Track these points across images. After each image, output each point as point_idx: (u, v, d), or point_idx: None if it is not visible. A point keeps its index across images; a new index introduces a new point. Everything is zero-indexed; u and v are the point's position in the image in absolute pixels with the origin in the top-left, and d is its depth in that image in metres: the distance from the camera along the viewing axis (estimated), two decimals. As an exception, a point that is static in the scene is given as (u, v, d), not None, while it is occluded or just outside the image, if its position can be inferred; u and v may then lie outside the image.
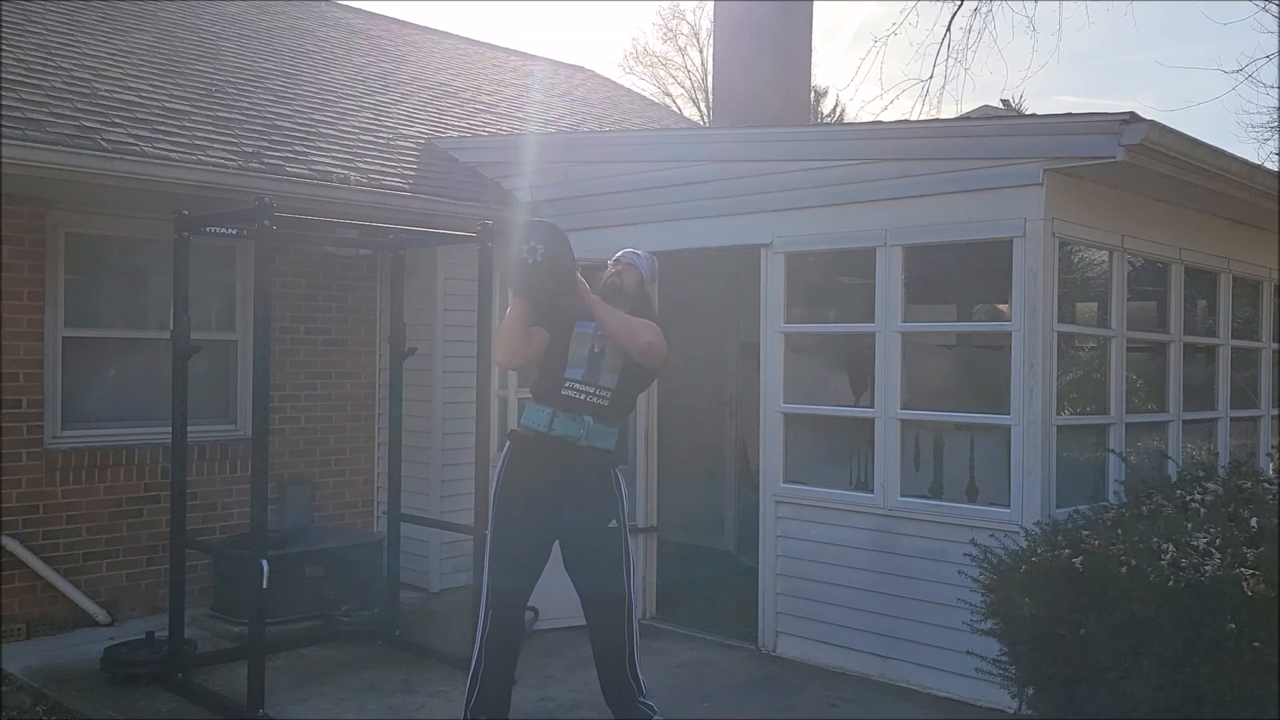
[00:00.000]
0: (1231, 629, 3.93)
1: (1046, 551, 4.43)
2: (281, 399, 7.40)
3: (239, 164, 6.37)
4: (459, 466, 7.41)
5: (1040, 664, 4.38)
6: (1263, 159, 19.17)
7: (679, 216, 6.66)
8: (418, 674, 5.79)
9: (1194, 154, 5.24)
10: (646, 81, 33.37)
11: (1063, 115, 5.42)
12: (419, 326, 7.30)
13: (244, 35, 9.86)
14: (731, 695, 5.52)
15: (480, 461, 5.85)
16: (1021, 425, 5.25)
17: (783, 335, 6.22)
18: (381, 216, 6.68)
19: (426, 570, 7.53)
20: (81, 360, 6.70)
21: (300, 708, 5.26)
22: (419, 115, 9.25)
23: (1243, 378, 7.30)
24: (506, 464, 4.42)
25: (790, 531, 6.14)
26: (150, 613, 6.64)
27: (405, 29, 13.09)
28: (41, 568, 6.32)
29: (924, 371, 6.61)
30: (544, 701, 5.37)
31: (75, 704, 5.26)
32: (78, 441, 6.62)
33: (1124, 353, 5.86)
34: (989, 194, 5.36)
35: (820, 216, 6.02)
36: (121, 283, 6.98)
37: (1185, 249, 6.40)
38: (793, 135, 6.57)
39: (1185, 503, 4.93)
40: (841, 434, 6.56)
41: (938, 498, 5.94)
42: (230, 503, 7.17)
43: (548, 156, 7.60)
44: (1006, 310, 5.57)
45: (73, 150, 5.71)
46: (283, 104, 8.00)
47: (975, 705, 5.27)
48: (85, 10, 8.62)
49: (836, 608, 5.89)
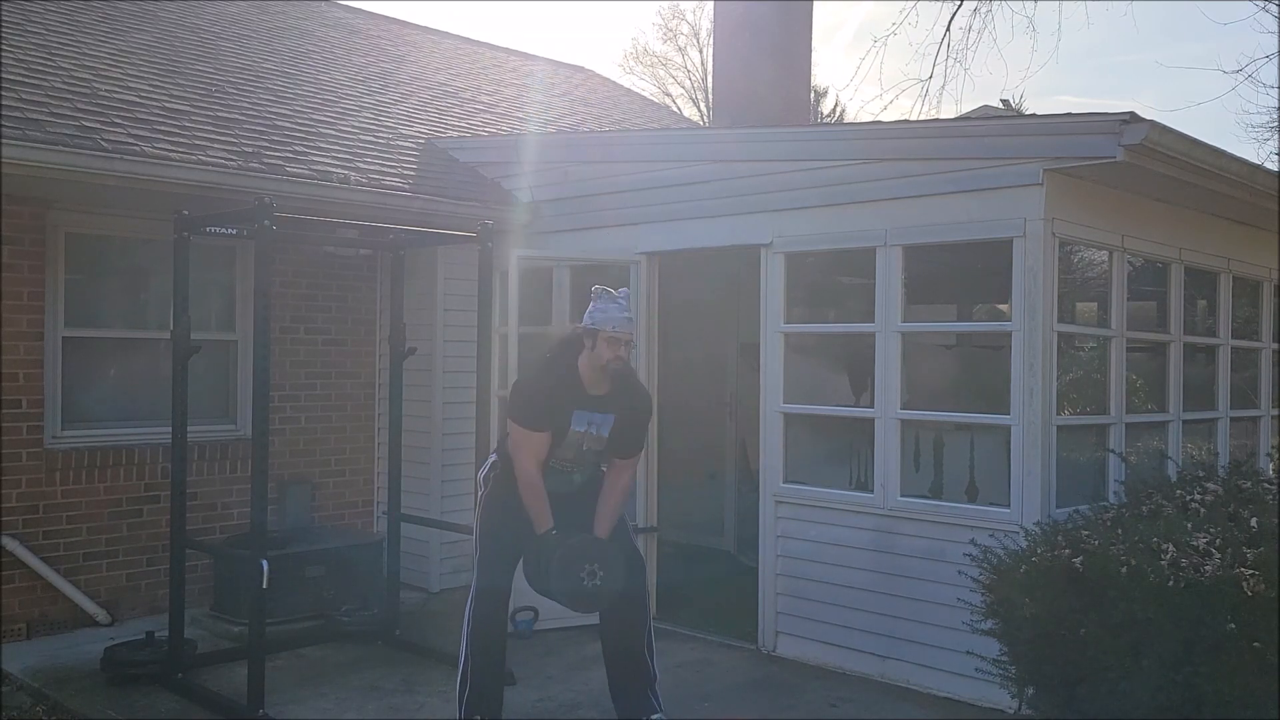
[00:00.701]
0: (1231, 629, 3.94)
1: (1046, 551, 4.43)
2: (281, 399, 7.40)
3: (239, 164, 6.37)
4: (459, 466, 7.41)
5: (1040, 664, 4.39)
6: (1263, 159, 19.18)
7: (679, 216, 6.66)
8: (418, 674, 5.79)
9: (1194, 154, 5.24)
10: (646, 81, 33.40)
11: (1063, 115, 5.42)
12: (419, 326, 7.30)
13: (244, 35, 9.86)
14: (731, 695, 5.52)
15: (480, 461, 5.84)
16: (1021, 425, 5.25)
17: (783, 335, 6.22)
18: (381, 216, 6.68)
19: (426, 570, 7.54)
20: (81, 360, 6.70)
21: (300, 708, 5.26)
22: (419, 115, 9.26)
23: (1243, 378, 7.30)
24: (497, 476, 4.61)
25: (790, 531, 6.14)
26: (150, 613, 6.64)
27: (405, 29, 13.10)
28: (41, 568, 6.32)
29: (924, 371, 6.61)
30: (544, 701, 5.37)
31: (75, 704, 5.26)
32: (78, 441, 6.62)
33: (1124, 353, 5.86)
34: (989, 194, 5.36)
35: (820, 216, 6.02)
36: (121, 283, 6.98)
37: (1185, 249, 6.40)
38: (793, 135, 6.57)
39: (1185, 503, 4.94)
40: (841, 434, 6.56)
41: (938, 498, 5.94)
42: (230, 503, 7.17)
43: (548, 156, 7.60)
44: (1006, 310, 5.57)
45: (73, 150, 5.70)
46: (283, 104, 8.00)
47: (975, 705, 5.27)
48: (85, 10, 8.62)
49: (836, 608, 5.89)
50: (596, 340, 4.41)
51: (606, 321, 4.39)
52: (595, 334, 4.41)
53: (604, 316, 4.41)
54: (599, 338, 4.40)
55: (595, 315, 4.43)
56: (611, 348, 4.40)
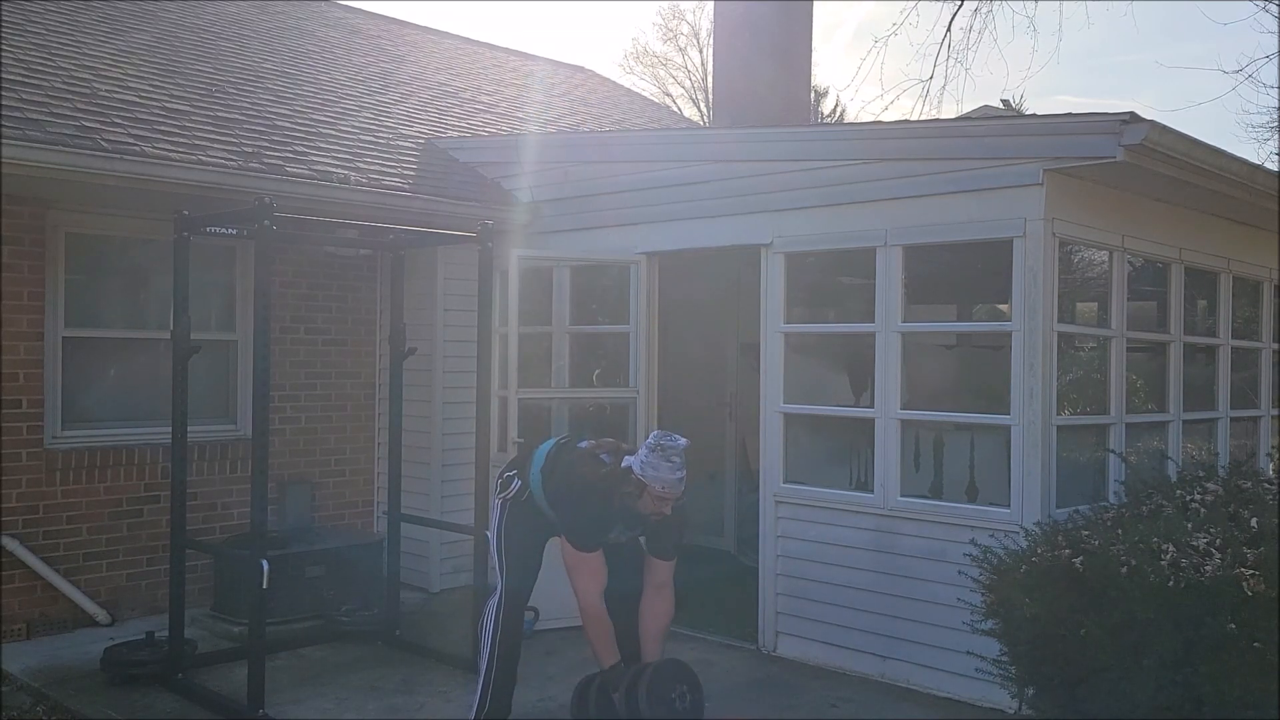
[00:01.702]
0: (1231, 629, 3.93)
1: (1046, 551, 4.43)
2: (281, 399, 7.40)
3: (239, 164, 6.37)
4: (459, 466, 7.41)
5: (1040, 664, 4.39)
6: (1263, 159, 19.16)
7: (679, 216, 6.66)
8: (418, 674, 5.79)
9: (1194, 154, 5.24)
10: (646, 81, 33.38)
11: (1063, 115, 5.42)
12: (419, 326, 7.30)
13: (244, 35, 9.86)
14: (732, 695, 5.52)
15: (480, 461, 5.85)
16: (1021, 425, 5.25)
17: (783, 335, 6.22)
18: (381, 216, 6.68)
19: (426, 570, 7.53)
20: (81, 360, 6.70)
21: (300, 708, 5.26)
22: (419, 115, 9.25)
23: (1243, 378, 7.29)
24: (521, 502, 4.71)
25: (790, 531, 6.14)
26: (150, 613, 6.64)
27: (405, 29, 13.09)
28: (41, 568, 6.32)
29: (924, 371, 6.61)
30: (544, 701, 5.37)
31: (75, 704, 5.26)
32: (78, 441, 6.62)
33: (1124, 353, 5.86)
34: (989, 194, 5.36)
35: (820, 216, 6.02)
36: (121, 283, 6.98)
37: (1185, 249, 6.40)
38: (793, 135, 6.57)
39: (1185, 503, 4.93)
40: (841, 434, 6.56)
41: (938, 498, 5.94)
42: (230, 503, 7.17)
43: (548, 156, 7.60)
44: (1006, 310, 5.57)
45: (73, 150, 5.70)
46: (283, 104, 8.00)
47: (975, 705, 5.27)
48: (85, 10, 8.62)
49: (837, 608, 5.89)
50: (643, 491, 4.37)
51: (657, 480, 4.33)
52: (643, 486, 4.36)
53: (655, 475, 4.33)
54: (646, 490, 4.36)
55: (647, 471, 4.34)
56: (657, 504, 4.39)
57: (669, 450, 4.33)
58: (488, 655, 4.65)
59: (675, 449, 4.35)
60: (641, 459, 4.37)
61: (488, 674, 4.64)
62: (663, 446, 4.34)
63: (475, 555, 5.81)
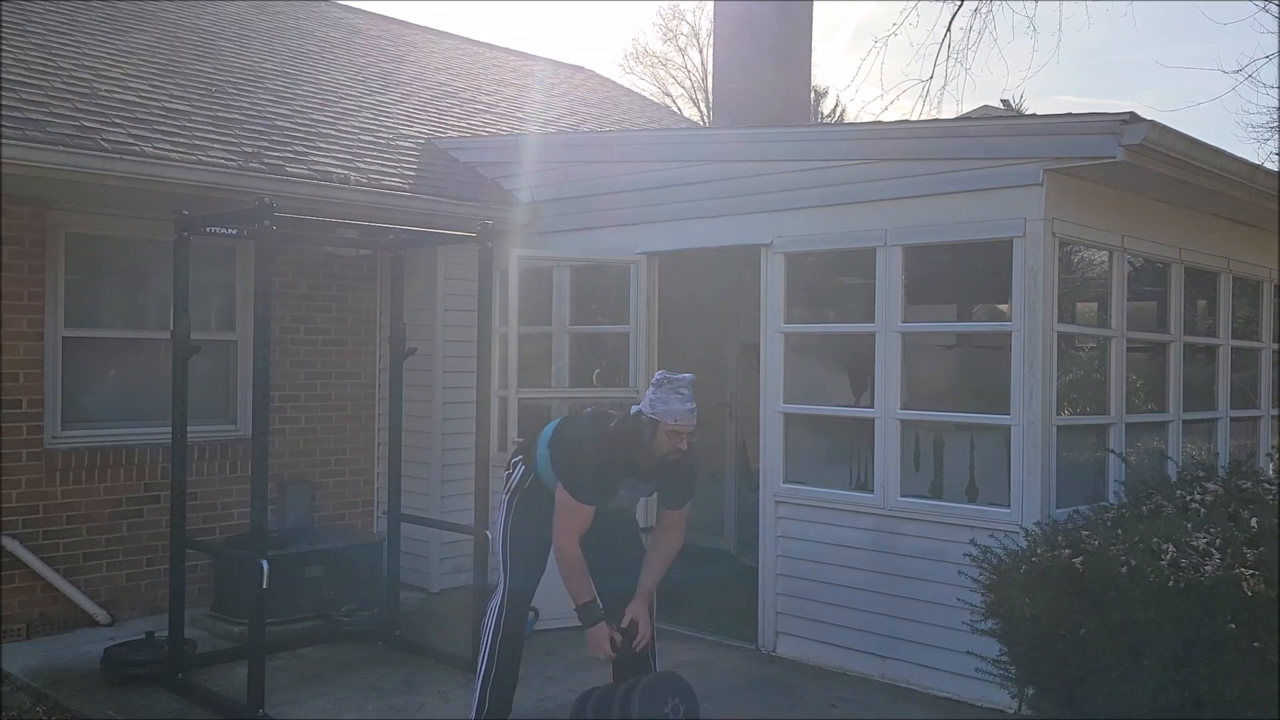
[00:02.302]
0: (1231, 629, 3.94)
1: (1046, 551, 4.43)
2: (281, 399, 7.40)
3: (239, 164, 6.37)
4: (459, 466, 7.41)
5: (1040, 664, 4.39)
6: (1263, 159, 19.18)
7: (679, 216, 6.66)
8: (418, 674, 5.79)
9: (1194, 154, 5.24)
10: (646, 81, 33.40)
11: (1063, 115, 5.42)
12: (419, 326, 7.30)
13: (244, 35, 9.86)
14: (732, 695, 5.52)
15: (480, 461, 5.85)
16: (1021, 425, 5.25)
17: (783, 335, 6.22)
18: (381, 216, 6.68)
19: (426, 570, 7.53)
20: (81, 360, 6.70)
21: (300, 708, 5.26)
22: (419, 115, 9.25)
23: (1243, 378, 7.29)
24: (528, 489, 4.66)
25: (790, 531, 6.14)
26: (150, 613, 6.64)
27: (405, 29, 13.09)
28: (41, 568, 6.32)
29: (924, 371, 6.61)
30: (544, 701, 5.37)
31: (75, 704, 5.26)
32: (78, 441, 6.62)
33: (1124, 353, 5.86)
34: (989, 194, 5.36)
35: (820, 216, 6.02)
36: (121, 283, 6.98)
37: (1185, 249, 6.40)
38: (793, 135, 6.57)
39: (1185, 503, 4.93)
40: (841, 434, 6.56)
41: (938, 498, 5.94)
42: (230, 503, 7.17)
43: (548, 156, 7.60)
44: (1006, 310, 5.57)
45: (73, 150, 5.70)
46: (283, 104, 8.00)
47: (975, 705, 5.27)
48: (85, 10, 8.62)
49: (836, 608, 5.89)
50: (656, 430, 4.32)
51: (669, 414, 4.30)
52: (655, 424, 4.32)
53: (665, 409, 4.30)
54: (659, 429, 4.31)
55: (657, 406, 4.31)
56: (672, 440, 4.34)
57: (676, 383, 4.36)
58: (487, 654, 4.67)
59: (682, 381, 4.37)
60: (650, 397, 4.36)
61: (487, 673, 4.65)
62: (669, 380, 4.37)
63: (475, 555, 5.81)
